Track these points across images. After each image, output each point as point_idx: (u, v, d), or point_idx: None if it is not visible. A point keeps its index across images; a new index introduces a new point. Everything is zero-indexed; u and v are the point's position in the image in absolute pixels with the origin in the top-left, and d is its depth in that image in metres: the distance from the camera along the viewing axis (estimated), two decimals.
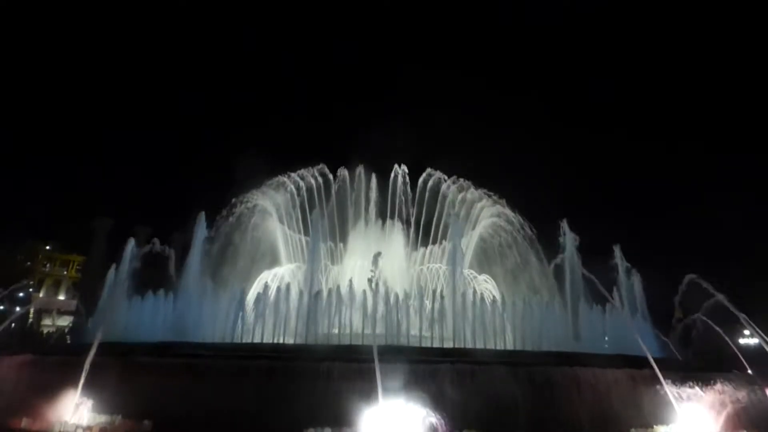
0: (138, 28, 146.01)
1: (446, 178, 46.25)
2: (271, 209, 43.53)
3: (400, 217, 45.34)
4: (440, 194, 45.73)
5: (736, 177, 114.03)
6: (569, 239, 35.02)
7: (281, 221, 43.81)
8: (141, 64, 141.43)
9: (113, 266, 35.07)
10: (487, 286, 39.63)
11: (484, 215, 43.86)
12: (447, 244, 40.15)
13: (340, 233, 45.11)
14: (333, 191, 45.70)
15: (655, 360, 22.27)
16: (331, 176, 46.26)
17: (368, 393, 18.47)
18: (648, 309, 34.80)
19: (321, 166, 46.37)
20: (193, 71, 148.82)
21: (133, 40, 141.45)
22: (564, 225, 35.57)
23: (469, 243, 42.75)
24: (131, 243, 36.02)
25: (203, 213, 37.70)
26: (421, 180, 46.75)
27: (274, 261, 42.39)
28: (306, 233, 43.27)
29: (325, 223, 41.79)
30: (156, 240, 36.14)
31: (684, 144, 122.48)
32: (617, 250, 35.65)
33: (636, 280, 35.12)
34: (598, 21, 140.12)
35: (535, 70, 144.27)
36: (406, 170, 46.92)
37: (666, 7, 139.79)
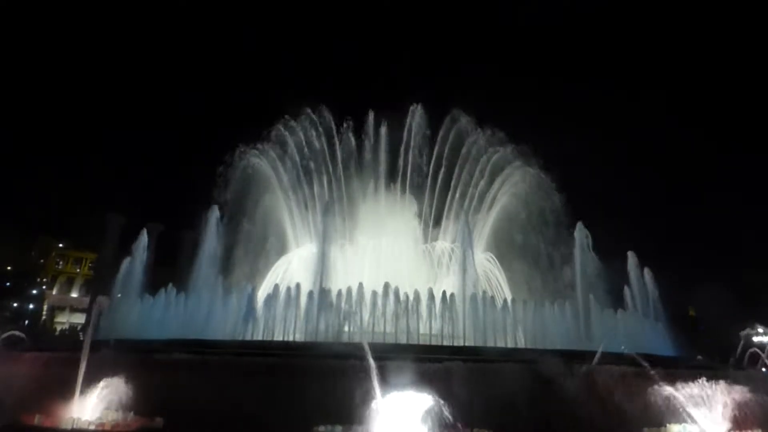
0: (138, 28, 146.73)
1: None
2: (274, 178, 43.40)
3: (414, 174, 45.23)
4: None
5: (746, 176, 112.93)
6: (581, 239, 34.72)
7: (285, 191, 43.53)
8: (141, 64, 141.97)
9: (127, 258, 35.61)
10: (490, 267, 39.38)
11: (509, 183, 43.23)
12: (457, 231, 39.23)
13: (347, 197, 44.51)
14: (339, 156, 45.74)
15: (667, 359, 22.13)
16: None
17: (377, 391, 18.46)
18: (661, 304, 34.55)
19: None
20: (193, 71, 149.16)
21: (133, 40, 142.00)
22: (578, 228, 35.26)
23: (486, 222, 42.52)
24: (144, 233, 36.56)
25: (215, 206, 37.86)
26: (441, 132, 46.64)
27: (281, 237, 42.38)
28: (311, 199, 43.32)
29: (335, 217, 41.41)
30: None
31: (691, 142, 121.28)
32: (631, 256, 35.36)
33: (649, 280, 34.82)
34: (598, 21, 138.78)
35: (536, 69, 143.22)
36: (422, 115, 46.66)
37: (667, 6, 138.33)
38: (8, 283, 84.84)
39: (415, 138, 46.33)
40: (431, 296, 29.83)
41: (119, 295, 34.80)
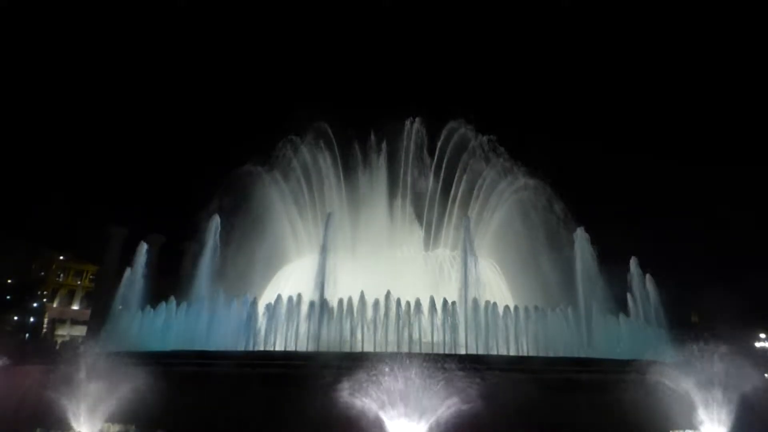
0: (138, 29, 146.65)
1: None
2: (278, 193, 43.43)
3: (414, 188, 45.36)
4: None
5: (748, 181, 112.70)
6: (582, 245, 34.60)
7: (287, 202, 43.58)
8: (141, 73, 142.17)
9: (128, 270, 35.71)
10: (492, 274, 39.15)
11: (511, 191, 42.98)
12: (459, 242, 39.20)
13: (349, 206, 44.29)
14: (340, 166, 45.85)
15: (670, 365, 22.03)
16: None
17: (378, 400, 18.34)
18: (664, 311, 34.44)
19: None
20: (194, 77, 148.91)
21: (133, 40, 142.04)
22: (579, 234, 35.17)
23: (488, 229, 42.47)
24: (144, 245, 36.69)
25: (217, 217, 37.76)
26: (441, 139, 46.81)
27: (283, 247, 42.40)
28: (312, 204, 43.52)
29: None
30: None
31: (695, 149, 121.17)
32: (633, 262, 35.27)
33: (651, 286, 34.72)
34: (597, 21, 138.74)
35: (539, 72, 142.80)
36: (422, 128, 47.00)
37: (671, 9, 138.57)
38: (8, 297, 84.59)
39: (416, 146, 46.44)
40: (432, 304, 29.78)
41: (120, 307, 34.76)
